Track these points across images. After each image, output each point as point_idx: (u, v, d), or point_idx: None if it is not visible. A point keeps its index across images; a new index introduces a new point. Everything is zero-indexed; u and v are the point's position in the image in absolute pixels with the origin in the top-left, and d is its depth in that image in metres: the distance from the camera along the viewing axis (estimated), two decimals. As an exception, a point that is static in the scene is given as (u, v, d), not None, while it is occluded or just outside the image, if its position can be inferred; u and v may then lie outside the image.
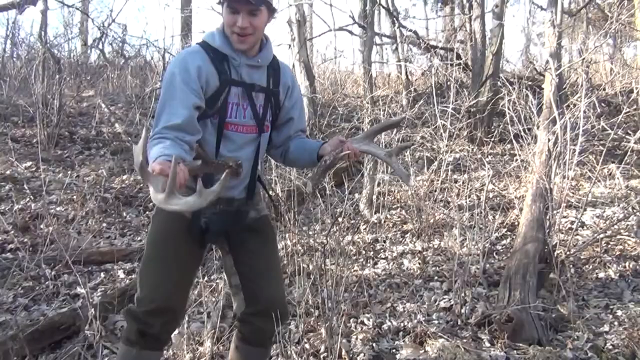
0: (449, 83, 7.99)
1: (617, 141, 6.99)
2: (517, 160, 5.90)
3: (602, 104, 8.57)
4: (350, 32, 10.92)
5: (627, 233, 4.88)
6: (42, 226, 4.44)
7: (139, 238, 4.61)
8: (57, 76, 6.95)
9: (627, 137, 6.11)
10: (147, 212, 5.12)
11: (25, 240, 4.22)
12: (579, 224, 4.90)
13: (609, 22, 6.62)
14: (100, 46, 12.83)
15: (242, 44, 1.96)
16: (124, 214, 5.05)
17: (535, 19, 18.39)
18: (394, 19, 10.49)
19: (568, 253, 3.99)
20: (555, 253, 3.82)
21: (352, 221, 5.21)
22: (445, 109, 5.77)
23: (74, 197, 5.04)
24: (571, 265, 4.09)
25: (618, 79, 9.72)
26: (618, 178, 6.22)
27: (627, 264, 4.33)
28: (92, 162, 6.28)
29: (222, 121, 1.97)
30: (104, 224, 4.76)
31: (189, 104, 1.85)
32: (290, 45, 7.89)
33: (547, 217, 4.06)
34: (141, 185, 5.70)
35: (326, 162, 2.01)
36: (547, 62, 5.44)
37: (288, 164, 2.39)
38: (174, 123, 1.80)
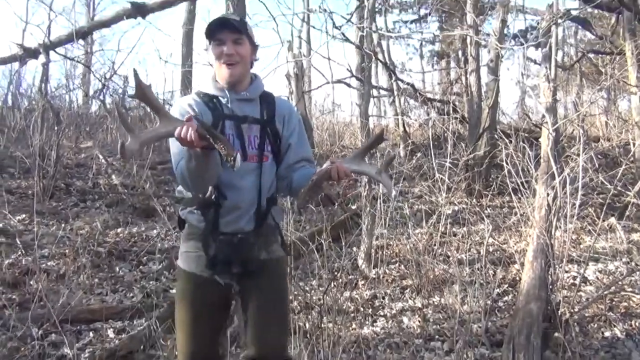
0: (446, 135, 8.03)
1: (617, 195, 6.96)
2: (516, 213, 5.84)
3: (599, 156, 8.60)
4: (348, 85, 11.06)
5: (631, 289, 4.77)
6: (31, 282, 4.32)
7: (130, 294, 4.48)
8: (56, 128, 6.94)
9: (626, 191, 6.07)
10: (140, 267, 5.02)
11: (14, 297, 4.10)
12: (582, 279, 4.80)
13: (603, 80, 6.69)
14: (101, 97, 12.96)
15: (231, 75, 2.14)
16: (117, 268, 4.93)
17: (530, 72, 18.74)
18: (391, 72, 10.66)
19: (572, 311, 3.88)
20: (559, 312, 3.70)
21: (350, 277, 5.10)
22: (443, 162, 5.75)
23: (67, 251, 4.94)
24: (576, 324, 3.96)
25: (614, 131, 9.79)
26: (619, 232, 6.15)
27: (633, 322, 4.21)
28: (87, 215, 6.21)
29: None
30: (96, 280, 4.64)
31: None
32: (288, 98, 7.99)
33: (550, 274, 3.97)
34: (135, 238, 5.62)
35: (313, 180, 1.99)
36: (544, 116, 5.45)
37: (294, 195, 2.35)
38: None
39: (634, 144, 8.82)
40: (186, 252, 2.25)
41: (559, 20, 6.82)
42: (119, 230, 5.81)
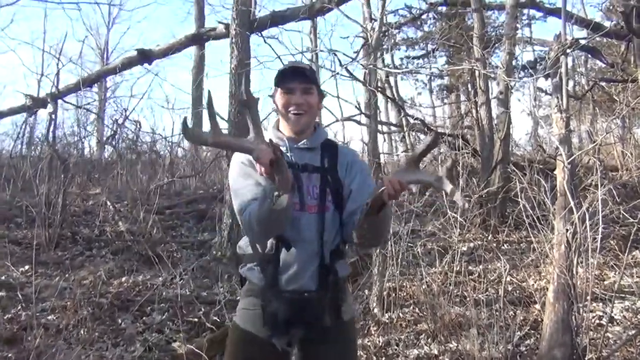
0: (458, 170, 7.85)
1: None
2: (534, 250, 5.58)
3: (618, 187, 8.34)
4: (358, 122, 10.98)
5: (662, 329, 4.48)
6: (29, 338, 4.15)
7: (132, 348, 4.29)
8: (62, 175, 6.90)
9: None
10: (143, 318, 4.84)
11: (10, 355, 3.93)
12: (609, 319, 4.52)
13: (618, 108, 6.51)
14: (113, 143, 13.05)
15: (297, 124, 2.09)
16: (119, 320, 4.75)
17: (541, 102, 18.59)
18: (400, 108, 10.58)
19: (600, 356, 3.61)
20: (586, 358, 3.44)
21: (362, 322, 4.86)
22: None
23: (68, 303, 4.78)
24: (604, 370, 3.69)
25: (631, 160, 9.52)
26: (643, 265, 5.86)
27: (667, 366, 3.91)
28: (92, 264, 6.08)
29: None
30: (96, 333, 4.45)
31: (254, 182, 1.99)
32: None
33: (573, 316, 3.71)
34: (140, 287, 5.46)
35: (367, 205, 1.84)
36: (557, 149, 5.25)
37: (360, 241, 2.08)
38: (254, 196, 1.94)
39: (653, 173, 8.57)
40: (244, 309, 2.12)
41: (568, 50, 6.68)
42: (123, 279, 5.66)
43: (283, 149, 2.07)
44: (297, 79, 2.06)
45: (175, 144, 12.25)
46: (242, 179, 2.04)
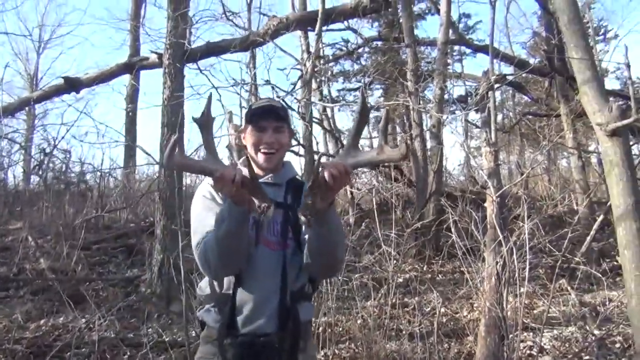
0: (393, 201, 7.93)
1: (565, 256, 6.95)
2: (467, 281, 5.65)
3: (545, 216, 8.67)
4: (296, 153, 10.97)
5: (588, 357, 4.60)
6: None
7: (47, 400, 3.96)
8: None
9: (575, 253, 6.03)
10: (62, 364, 4.50)
11: None
12: (539, 349, 4.60)
13: (543, 143, 6.81)
14: (40, 173, 12.41)
15: (269, 162, 2.01)
16: (35, 368, 4.40)
17: (473, 134, 19.32)
18: (336, 139, 10.66)
19: (531, 388, 3.64)
20: (517, 391, 3.46)
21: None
22: (389, 233, 5.57)
23: (-23, 352, 4.39)
24: (535, 403, 3.71)
25: (557, 191, 9.97)
26: (570, 294, 6.05)
27: (594, 396, 3.99)
28: (7, 306, 5.64)
29: (259, 235, 1.92)
30: (9, 384, 4.10)
31: (213, 215, 1.87)
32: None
33: (505, 349, 3.74)
34: (60, 330, 5.10)
35: (306, 196, 1.70)
36: (486, 182, 5.40)
37: (315, 265, 1.93)
38: (210, 229, 1.84)
39: (576, 204, 8.99)
40: (200, 359, 1.97)
41: (495, 86, 6.96)
42: (42, 322, 5.29)
43: None
44: (270, 118, 2.01)
45: (106, 174, 11.78)
46: (202, 215, 1.95)
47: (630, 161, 3.74)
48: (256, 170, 2.02)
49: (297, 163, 8.64)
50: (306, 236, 1.91)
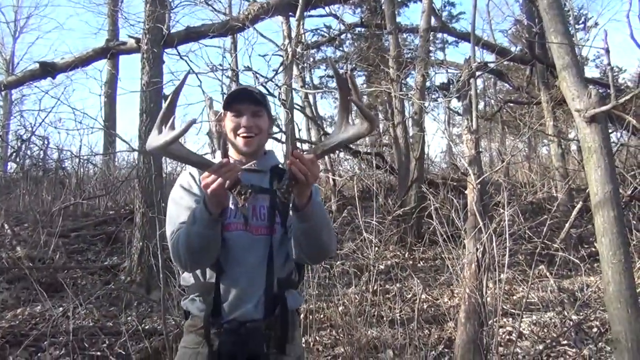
0: (376, 188, 7.94)
1: (544, 243, 7.03)
2: (448, 267, 5.69)
3: (525, 203, 8.75)
4: (278, 140, 10.90)
5: (566, 342, 4.66)
6: None
7: (23, 391, 3.90)
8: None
9: (554, 239, 6.09)
10: (39, 354, 4.43)
11: None
12: (518, 334, 4.65)
13: (523, 130, 6.85)
14: (17, 160, 12.16)
15: (249, 146, 1.98)
16: (10, 358, 4.32)
17: (455, 122, 19.43)
18: (318, 126, 10.61)
19: (509, 373, 3.68)
20: (496, 377, 3.49)
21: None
22: (370, 220, 5.56)
23: (-50, 341, 4.30)
24: (514, 388, 3.75)
25: (537, 178, 10.06)
26: (550, 280, 6.13)
27: (571, 379, 4.05)
28: (-18, 294, 5.54)
29: (222, 223, 1.84)
30: (-17, 374, 4.03)
31: (194, 203, 1.86)
32: (213, 156, 7.68)
33: (484, 335, 3.77)
34: (37, 319, 5.02)
35: (284, 187, 1.68)
36: (467, 169, 5.42)
37: (304, 253, 1.88)
38: (183, 221, 1.83)
39: (556, 191, 9.08)
40: (184, 348, 1.93)
41: (477, 73, 6.96)
42: (18, 311, 5.19)
43: None
44: (246, 102, 1.97)
45: (85, 161, 11.59)
46: (177, 205, 1.93)
47: (608, 148, 3.75)
48: (236, 155, 2.03)
49: (279, 151, 8.58)
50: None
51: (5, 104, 18.44)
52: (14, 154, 12.10)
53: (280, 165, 2.09)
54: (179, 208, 1.91)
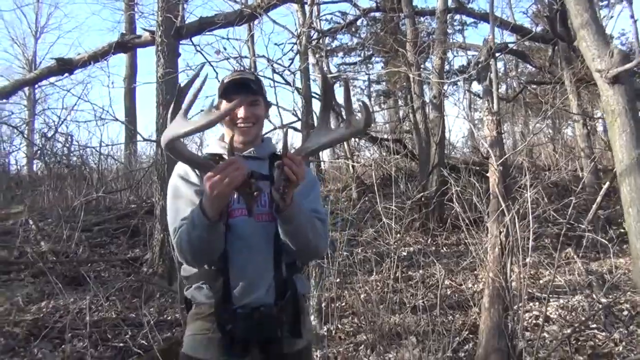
0: (397, 174, 7.83)
1: (571, 225, 6.87)
2: (471, 252, 5.57)
3: (550, 185, 8.56)
4: (296, 129, 10.86)
5: (595, 326, 4.53)
6: None
7: (47, 382, 3.93)
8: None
9: (581, 221, 5.92)
10: (63, 346, 4.46)
11: None
12: (545, 318, 4.54)
13: (545, 109, 6.66)
14: (42, 158, 12.36)
15: (246, 135, 1.96)
16: (35, 350, 4.36)
17: (476, 106, 19.10)
18: (337, 114, 10.51)
19: (537, 357, 3.57)
20: (523, 362, 3.39)
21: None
22: (390, 205, 5.47)
23: (-23, 335, 4.36)
24: (541, 373, 3.65)
25: (562, 160, 9.83)
26: (577, 262, 5.97)
27: (601, 364, 3.93)
28: (9, 289, 5.61)
29: (226, 209, 1.76)
30: (9, 367, 4.07)
31: (195, 195, 1.82)
32: (199, 151, 7.67)
33: (509, 320, 3.67)
34: (61, 312, 5.06)
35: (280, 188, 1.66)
36: (488, 151, 5.28)
37: (295, 246, 1.86)
38: (185, 217, 1.77)
39: (581, 172, 8.86)
40: (192, 335, 1.87)
41: (497, 54, 6.79)
42: (42, 304, 5.25)
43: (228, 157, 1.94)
44: (243, 92, 1.91)
45: (106, 156, 11.70)
46: (176, 199, 1.88)
47: (634, 111, 3.52)
48: (224, 149, 1.94)
49: (298, 139, 8.52)
50: None
51: (29, 104, 18.73)
52: (39, 151, 12.30)
53: (277, 152, 2.03)
54: (178, 202, 1.86)
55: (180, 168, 1.93)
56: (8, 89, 7.62)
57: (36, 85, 16.12)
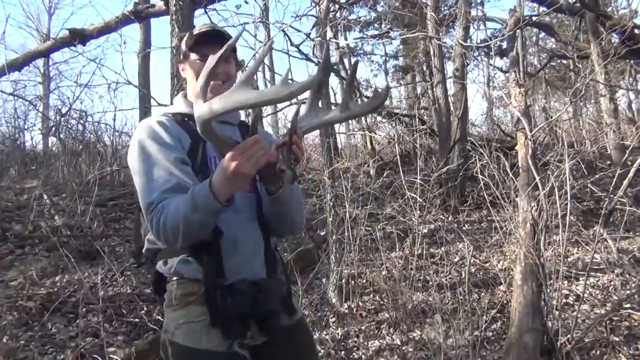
0: (416, 150, 7.61)
1: (598, 201, 6.62)
2: (497, 229, 5.35)
3: (576, 162, 8.28)
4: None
5: (629, 305, 4.31)
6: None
7: (61, 356, 3.83)
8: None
9: (609, 196, 5.65)
10: (77, 321, 4.35)
11: None
12: (576, 298, 4.34)
13: (577, 79, 6.35)
14: (57, 134, 12.29)
15: (216, 94, 1.54)
16: (49, 324, 4.26)
17: (496, 83, 18.66)
18: (355, 89, 10.25)
19: (572, 338, 3.38)
20: (558, 342, 3.20)
21: (319, 313, 4.53)
22: (413, 180, 5.26)
23: (-10, 308, 4.26)
24: (576, 354, 3.45)
25: (587, 136, 9.52)
26: (607, 240, 5.73)
27: (639, 344, 3.72)
28: (22, 263, 5.52)
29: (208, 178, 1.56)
30: (22, 341, 3.97)
31: (172, 161, 1.59)
32: (246, 119, 7.48)
33: (543, 299, 3.47)
34: (75, 286, 4.96)
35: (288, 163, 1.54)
36: (518, 122, 5.03)
37: (276, 225, 1.77)
38: (170, 185, 1.54)
39: (609, 149, 8.55)
40: (187, 324, 1.61)
41: (524, 26, 6.50)
42: (57, 278, 5.15)
43: None
44: (216, 45, 1.64)
45: (119, 133, 11.59)
46: (150, 165, 1.60)
47: None
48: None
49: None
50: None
51: (43, 81, 18.67)
52: (54, 127, 12.22)
53: (245, 121, 1.91)
54: (153, 169, 1.59)
55: (147, 127, 1.68)
56: (20, 60, 7.46)
57: (50, 63, 16.07)
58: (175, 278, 1.65)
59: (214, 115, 1.33)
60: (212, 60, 1.39)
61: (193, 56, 1.77)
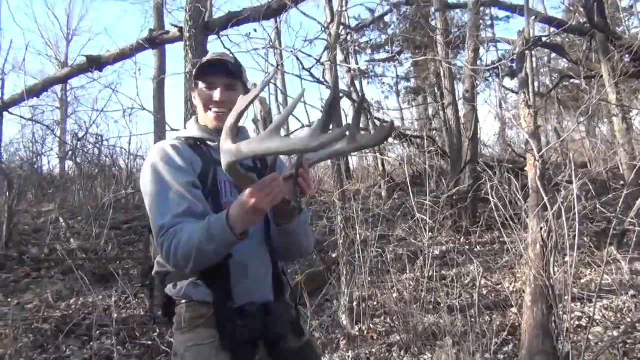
0: (427, 170, 7.63)
1: (610, 222, 6.56)
2: (508, 250, 5.34)
3: (587, 183, 8.23)
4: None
5: (643, 328, 4.27)
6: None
7: (75, 379, 3.88)
8: (7, 193, 6.42)
9: (620, 217, 5.61)
10: (91, 343, 4.40)
11: None
12: (588, 320, 4.31)
13: (587, 99, 6.38)
14: (73, 158, 12.50)
15: (220, 121, 1.77)
16: (64, 347, 4.32)
17: (508, 103, 18.67)
18: (367, 112, 10.35)
19: (583, 361, 3.35)
20: (569, 365, 3.18)
21: (330, 336, 4.54)
22: (423, 201, 5.28)
23: (6, 331, 4.33)
24: (589, 377, 3.43)
25: (600, 156, 9.47)
26: (620, 262, 5.69)
27: (653, 369, 3.69)
28: (38, 286, 5.62)
29: (218, 203, 1.69)
30: (37, 364, 4.03)
31: (184, 184, 1.63)
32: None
33: (553, 320, 3.46)
34: (90, 309, 5.03)
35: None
36: (527, 143, 5.06)
37: (284, 252, 1.82)
38: (182, 210, 1.57)
39: (621, 169, 8.51)
40: (196, 346, 1.62)
41: (533, 47, 6.54)
42: (72, 301, 5.23)
43: (212, 144, 1.81)
44: (220, 74, 1.80)
45: (134, 156, 11.77)
46: (162, 189, 1.64)
47: None
48: (206, 133, 1.85)
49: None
50: None
51: (61, 106, 19.04)
52: (71, 152, 12.44)
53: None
54: (167, 194, 1.62)
55: (161, 150, 1.73)
56: (39, 86, 7.67)
57: (68, 89, 16.43)
58: (184, 301, 1.68)
59: (241, 158, 1.38)
60: (242, 101, 1.42)
61: (200, 84, 1.84)
